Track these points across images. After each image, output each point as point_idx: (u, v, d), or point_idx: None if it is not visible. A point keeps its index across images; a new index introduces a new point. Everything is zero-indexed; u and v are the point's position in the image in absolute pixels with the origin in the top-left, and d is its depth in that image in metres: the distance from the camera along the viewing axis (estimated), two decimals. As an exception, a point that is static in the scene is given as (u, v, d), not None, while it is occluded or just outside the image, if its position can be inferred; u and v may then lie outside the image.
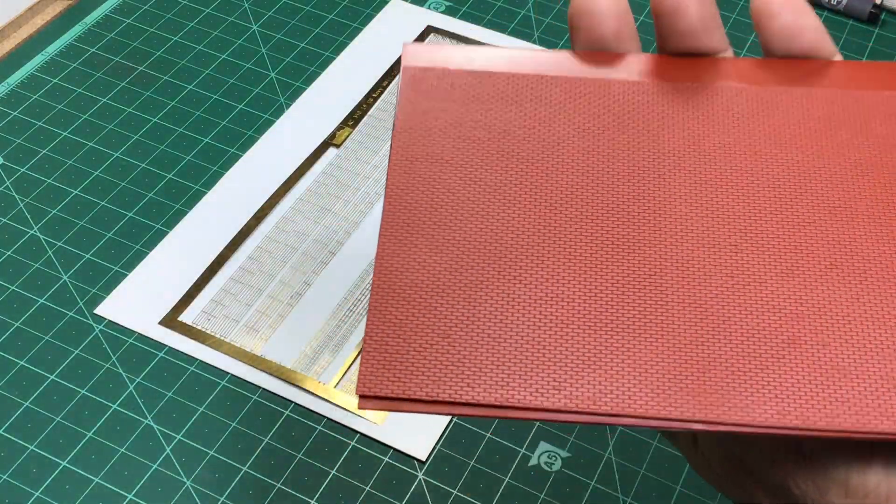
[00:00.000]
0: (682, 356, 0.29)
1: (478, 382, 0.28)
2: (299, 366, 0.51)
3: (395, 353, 0.28)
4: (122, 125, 0.62)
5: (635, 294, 0.30)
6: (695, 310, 0.30)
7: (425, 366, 0.28)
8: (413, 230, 0.30)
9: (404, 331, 0.29)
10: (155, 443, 0.48)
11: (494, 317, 0.29)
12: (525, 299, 0.29)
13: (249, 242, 0.56)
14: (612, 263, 0.30)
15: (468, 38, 0.68)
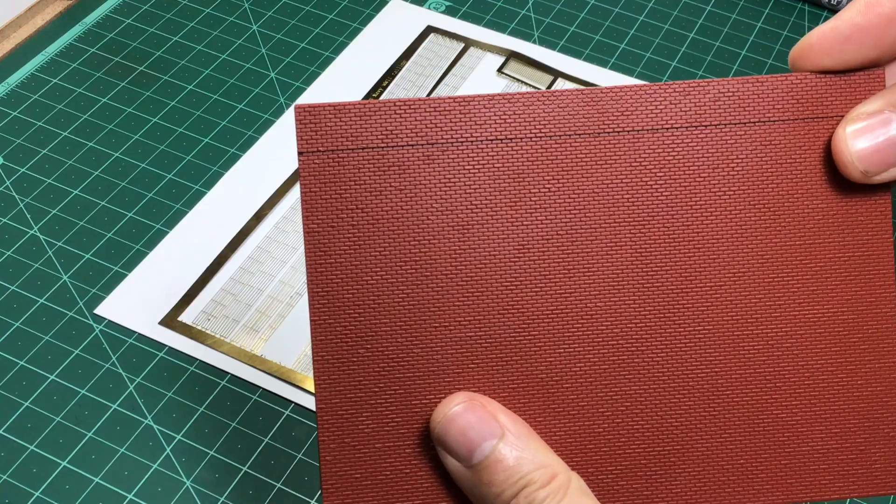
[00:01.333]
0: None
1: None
2: (299, 366, 0.51)
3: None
4: (122, 125, 0.62)
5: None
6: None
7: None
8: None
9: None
10: (155, 443, 0.48)
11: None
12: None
13: (249, 242, 0.56)
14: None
15: (468, 38, 0.68)
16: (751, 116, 0.33)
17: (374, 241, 0.31)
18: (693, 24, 0.70)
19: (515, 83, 0.65)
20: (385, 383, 0.31)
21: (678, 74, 0.66)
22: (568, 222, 0.32)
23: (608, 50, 0.68)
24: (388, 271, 0.32)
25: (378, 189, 0.31)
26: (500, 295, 0.32)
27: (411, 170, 0.31)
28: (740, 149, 0.32)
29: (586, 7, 0.70)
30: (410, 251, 0.32)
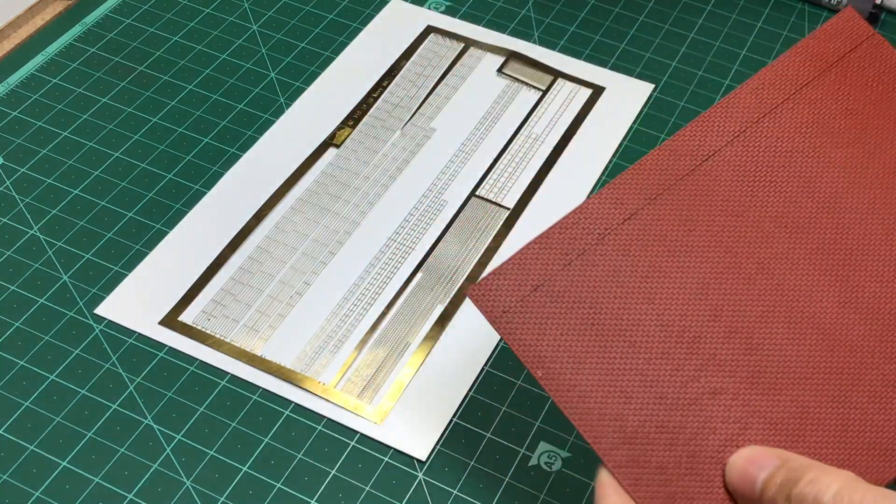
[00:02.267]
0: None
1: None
2: (299, 366, 0.51)
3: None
4: (122, 125, 0.62)
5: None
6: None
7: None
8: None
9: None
10: (155, 443, 0.48)
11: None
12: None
13: (249, 242, 0.56)
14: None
15: (468, 37, 0.68)
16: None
17: (597, 355, 0.36)
18: (693, 24, 0.70)
19: (515, 83, 0.65)
20: (677, 464, 0.35)
21: (678, 74, 0.66)
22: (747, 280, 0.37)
23: (608, 50, 0.68)
24: (630, 371, 0.35)
25: (566, 312, 0.36)
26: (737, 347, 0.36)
27: (581, 280, 0.36)
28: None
29: (586, 7, 0.70)
30: (632, 346, 0.36)
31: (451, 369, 0.51)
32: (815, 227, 0.37)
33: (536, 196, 0.59)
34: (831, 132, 0.38)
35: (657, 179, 0.38)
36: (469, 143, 0.62)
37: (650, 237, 0.37)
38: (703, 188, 0.37)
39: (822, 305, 0.36)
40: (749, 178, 0.38)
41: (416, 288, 0.54)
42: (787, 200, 0.37)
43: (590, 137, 0.62)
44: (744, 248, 0.37)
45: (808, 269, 0.36)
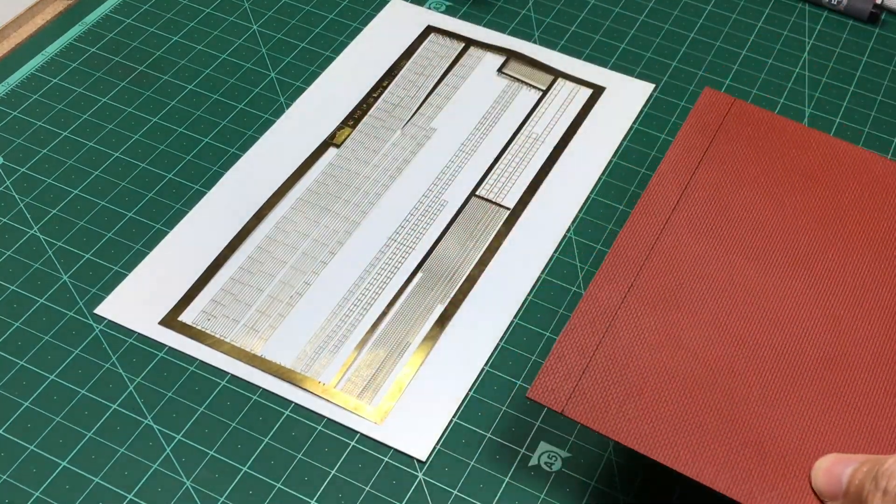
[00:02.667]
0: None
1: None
2: (299, 366, 0.51)
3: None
4: (122, 125, 0.62)
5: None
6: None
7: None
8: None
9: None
10: (155, 443, 0.48)
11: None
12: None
13: (249, 242, 0.56)
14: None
15: (468, 37, 0.68)
16: None
17: (662, 404, 0.41)
18: (693, 24, 0.70)
19: (515, 83, 0.65)
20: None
21: (678, 74, 0.66)
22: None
23: (608, 50, 0.68)
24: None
25: (619, 381, 0.42)
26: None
27: (616, 352, 0.43)
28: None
29: (586, 7, 0.70)
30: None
31: (451, 369, 0.51)
32: (757, 251, 0.45)
33: (536, 196, 0.59)
34: (735, 182, 0.47)
35: (634, 254, 0.45)
36: (469, 143, 0.62)
37: (649, 299, 0.44)
38: (671, 248, 0.45)
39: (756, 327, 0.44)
40: (697, 231, 0.46)
41: (416, 288, 0.54)
42: (732, 236, 0.45)
43: (590, 137, 0.62)
44: (724, 281, 0.44)
45: (769, 283, 0.45)
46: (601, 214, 0.58)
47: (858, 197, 0.46)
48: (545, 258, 0.56)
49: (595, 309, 0.44)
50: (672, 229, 0.46)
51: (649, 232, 0.46)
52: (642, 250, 0.45)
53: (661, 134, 0.63)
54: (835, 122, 0.64)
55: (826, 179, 0.47)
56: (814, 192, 0.46)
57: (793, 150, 0.48)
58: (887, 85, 0.66)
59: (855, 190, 0.46)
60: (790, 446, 0.40)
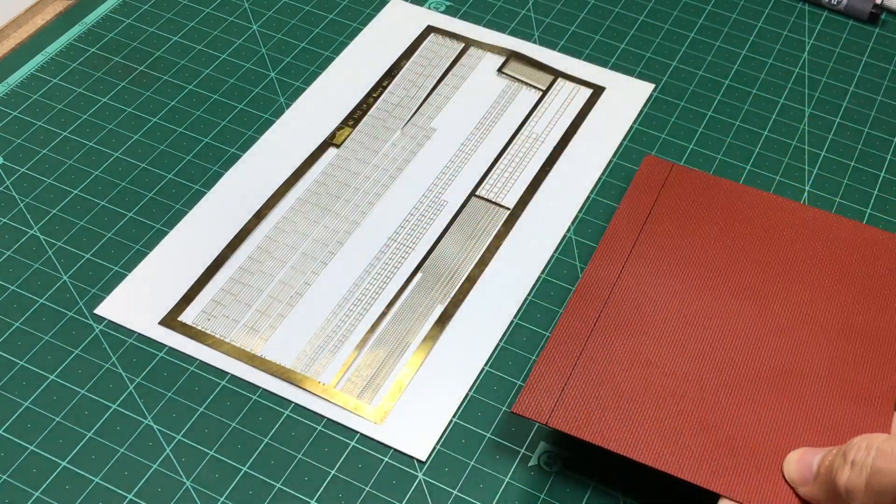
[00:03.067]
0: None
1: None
2: (299, 366, 0.51)
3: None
4: (122, 125, 0.62)
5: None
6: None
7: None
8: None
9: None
10: (155, 443, 0.48)
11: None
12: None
13: (249, 242, 0.56)
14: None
15: (468, 37, 0.68)
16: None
17: (638, 410, 0.46)
18: (693, 24, 0.70)
19: (515, 83, 0.65)
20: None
21: (678, 74, 0.66)
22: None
23: (608, 50, 0.68)
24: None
25: (597, 393, 0.47)
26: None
27: (591, 369, 0.48)
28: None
29: (586, 7, 0.70)
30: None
31: (451, 369, 0.51)
32: (703, 282, 0.51)
33: (536, 196, 0.59)
34: (680, 230, 0.53)
35: (598, 291, 0.51)
36: (469, 143, 0.62)
37: (616, 327, 0.49)
38: (631, 287, 0.51)
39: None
40: (653, 273, 0.51)
41: (416, 288, 0.54)
42: (682, 272, 0.51)
43: (590, 137, 0.62)
44: (680, 307, 0.50)
45: (717, 305, 0.51)
46: (601, 214, 0.58)
47: (790, 237, 0.53)
48: (545, 258, 0.56)
49: (568, 336, 0.49)
50: (630, 269, 0.51)
51: (610, 272, 0.51)
52: (605, 288, 0.51)
53: (662, 134, 0.63)
54: (834, 123, 0.64)
55: (761, 223, 0.53)
56: (751, 233, 0.53)
57: (730, 202, 0.54)
58: (887, 85, 0.66)
59: (787, 231, 0.53)
60: (758, 443, 0.45)
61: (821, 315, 0.50)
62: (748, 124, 0.64)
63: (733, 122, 0.64)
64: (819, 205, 0.59)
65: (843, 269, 0.51)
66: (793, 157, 0.62)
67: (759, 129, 0.63)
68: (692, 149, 0.62)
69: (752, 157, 0.62)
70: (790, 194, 0.60)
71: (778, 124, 0.64)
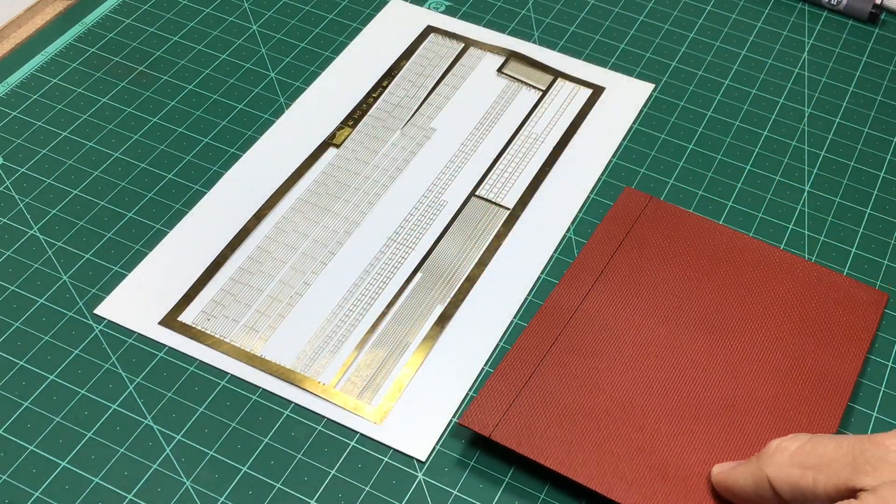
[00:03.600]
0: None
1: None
2: (299, 366, 0.51)
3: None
4: (122, 125, 0.62)
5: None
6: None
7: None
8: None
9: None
10: (155, 443, 0.48)
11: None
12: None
13: (249, 242, 0.56)
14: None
15: (468, 37, 0.68)
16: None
17: (580, 430, 0.48)
18: (693, 24, 0.70)
19: (515, 83, 0.65)
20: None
21: (678, 74, 0.66)
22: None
23: (608, 50, 0.68)
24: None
25: (543, 411, 0.48)
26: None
27: (542, 388, 0.50)
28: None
29: (586, 7, 0.70)
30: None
31: (451, 369, 0.51)
32: (666, 314, 0.53)
33: (536, 196, 0.59)
34: (650, 261, 0.55)
35: (559, 315, 0.52)
36: (469, 143, 0.62)
37: (574, 349, 0.51)
38: (594, 311, 0.53)
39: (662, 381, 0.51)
40: (617, 300, 0.53)
41: (416, 288, 0.54)
42: (646, 303, 0.53)
43: (590, 137, 0.62)
44: (638, 336, 0.52)
45: (675, 337, 0.52)
46: (601, 214, 0.58)
47: (754, 277, 0.54)
48: (545, 258, 0.56)
49: (524, 355, 0.50)
50: (594, 297, 0.53)
51: (573, 298, 0.53)
52: (567, 312, 0.52)
53: (661, 134, 0.63)
54: (834, 123, 0.64)
55: (728, 261, 0.55)
56: (717, 270, 0.55)
57: (700, 238, 0.56)
58: (887, 85, 0.66)
59: (752, 271, 0.55)
60: (691, 471, 0.47)
61: (772, 353, 0.51)
62: (748, 125, 0.64)
63: (733, 123, 0.64)
64: (819, 205, 0.59)
65: (802, 312, 0.53)
66: (793, 157, 0.62)
67: (758, 129, 0.63)
68: (692, 149, 0.62)
69: (751, 157, 0.62)
70: (790, 194, 0.60)
71: (778, 124, 0.64)
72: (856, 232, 0.58)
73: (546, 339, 0.51)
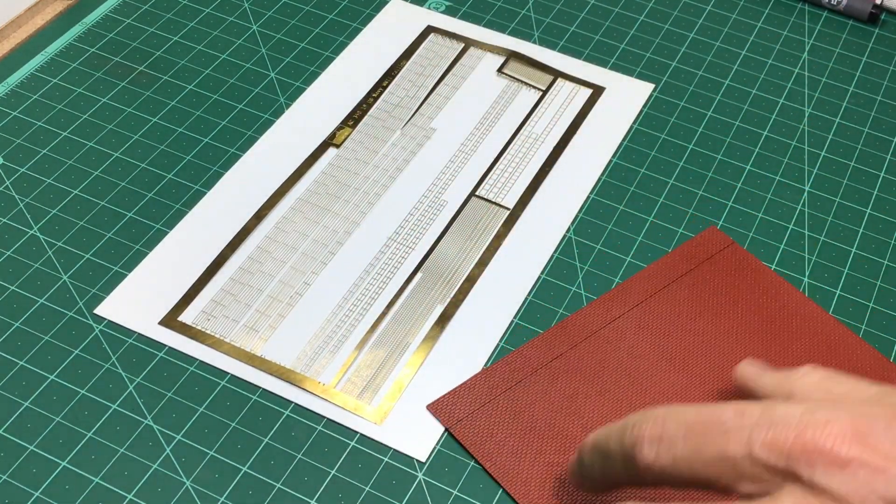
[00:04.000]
0: None
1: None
2: (299, 366, 0.51)
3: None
4: (122, 125, 0.62)
5: None
6: None
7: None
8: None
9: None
10: (155, 443, 0.48)
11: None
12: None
13: (249, 242, 0.56)
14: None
15: (468, 37, 0.68)
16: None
17: (535, 450, 0.47)
18: (693, 24, 0.70)
19: (515, 83, 0.65)
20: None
21: (678, 74, 0.66)
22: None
23: (608, 50, 0.68)
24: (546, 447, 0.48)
25: (509, 422, 0.48)
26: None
27: (520, 399, 0.49)
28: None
29: (586, 7, 0.70)
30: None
31: (451, 369, 0.51)
32: (687, 364, 0.51)
33: (536, 196, 0.59)
34: (698, 304, 0.53)
35: (578, 332, 0.51)
36: (469, 143, 0.62)
37: (571, 370, 0.50)
38: (613, 338, 0.51)
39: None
40: (645, 332, 0.51)
41: (416, 288, 0.54)
42: (669, 345, 0.51)
43: (590, 137, 0.62)
44: (643, 378, 0.50)
45: (687, 391, 0.50)
46: (601, 214, 0.58)
47: (805, 346, 0.51)
48: (545, 258, 0.56)
49: (520, 362, 0.50)
50: (621, 323, 0.52)
51: (601, 319, 0.52)
52: (586, 331, 0.52)
53: (661, 134, 0.63)
54: (834, 123, 0.64)
55: (785, 325, 0.52)
56: (768, 331, 0.52)
57: (766, 295, 0.53)
58: (887, 85, 0.66)
59: (805, 340, 0.51)
60: None
61: None
62: (748, 124, 0.64)
63: (733, 123, 0.64)
64: (819, 205, 0.59)
65: None
66: (793, 157, 0.62)
67: (759, 129, 0.63)
68: (692, 149, 0.62)
69: (752, 157, 0.62)
70: (790, 194, 0.60)
71: (778, 124, 0.64)
72: (856, 232, 0.58)
73: (550, 352, 0.50)
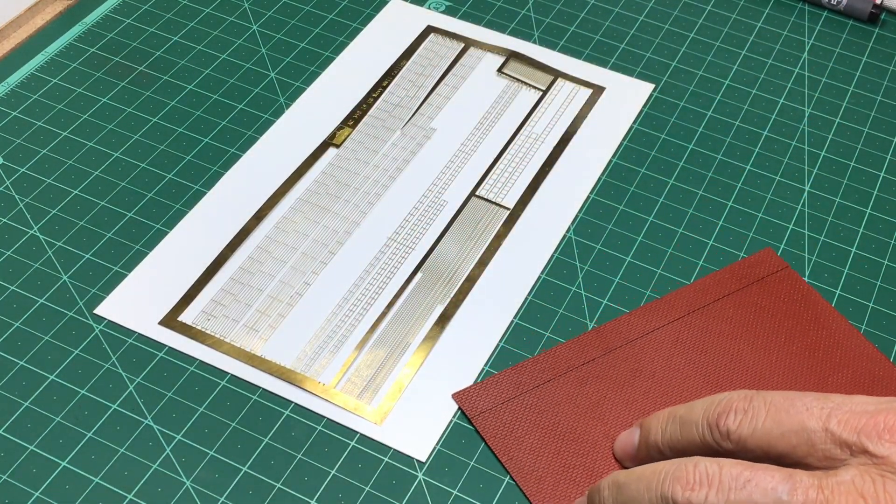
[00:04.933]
0: None
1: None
2: (299, 366, 0.51)
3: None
4: (122, 125, 0.62)
5: None
6: None
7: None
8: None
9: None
10: (155, 443, 0.48)
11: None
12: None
13: (249, 242, 0.56)
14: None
15: (468, 37, 0.68)
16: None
17: (554, 451, 0.47)
18: (693, 24, 0.70)
19: (515, 83, 0.65)
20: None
21: (678, 74, 0.66)
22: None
23: (608, 50, 0.68)
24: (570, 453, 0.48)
25: (532, 419, 0.48)
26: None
27: (546, 399, 0.49)
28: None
29: (586, 7, 0.70)
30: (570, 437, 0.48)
31: (452, 369, 0.51)
32: (721, 384, 0.50)
33: (536, 196, 0.59)
34: (741, 325, 0.52)
35: (614, 339, 0.51)
36: (469, 143, 0.62)
37: (602, 376, 0.50)
38: (649, 349, 0.51)
39: None
40: (683, 346, 0.51)
41: (416, 288, 0.54)
42: (706, 362, 0.50)
43: (590, 137, 0.62)
44: (674, 392, 0.49)
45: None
46: (601, 214, 0.58)
47: (845, 378, 0.50)
48: (545, 258, 0.56)
49: (551, 362, 0.50)
50: (659, 335, 0.51)
51: (639, 328, 0.52)
52: (622, 339, 0.51)
53: (662, 134, 0.63)
54: (834, 123, 0.64)
55: (829, 357, 0.50)
56: (809, 360, 0.50)
57: (815, 325, 0.52)
58: (887, 85, 0.66)
59: (846, 372, 0.50)
60: None
61: None
62: (748, 124, 0.64)
63: (733, 122, 0.64)
64: (819, 205, 0.59)
65: None
66: (793, 157, 0.62)
67: (759, 129, 0.63)
68: (692, 149, 0.62)
69: (751, 157, 0.62)
70: (790, 194, 0.60)
71: (778, 124, 0.64)
72: (856, 232, 0.58)
73: (583, 356, 0.50)
